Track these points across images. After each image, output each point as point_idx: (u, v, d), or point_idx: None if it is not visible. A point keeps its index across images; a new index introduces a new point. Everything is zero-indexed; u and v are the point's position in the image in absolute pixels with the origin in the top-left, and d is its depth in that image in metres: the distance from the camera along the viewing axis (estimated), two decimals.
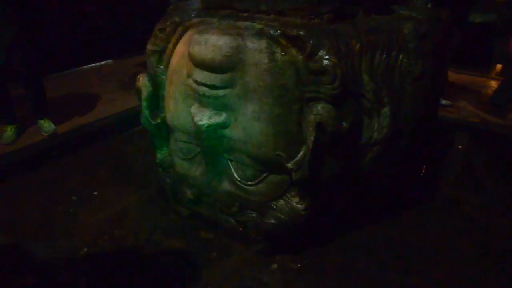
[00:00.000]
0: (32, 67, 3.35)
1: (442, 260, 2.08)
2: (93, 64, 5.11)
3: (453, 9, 2.35)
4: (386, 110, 1.88)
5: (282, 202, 1.97)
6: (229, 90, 1.81)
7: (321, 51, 1.70)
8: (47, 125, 3.41)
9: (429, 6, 2.31)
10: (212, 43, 1.77)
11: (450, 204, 2.53)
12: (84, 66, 5.05)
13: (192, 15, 2.11)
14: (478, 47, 5.28)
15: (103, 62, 5.20)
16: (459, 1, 3.68)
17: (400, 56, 1.91)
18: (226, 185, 2.04)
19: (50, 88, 4.35)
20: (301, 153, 1.80)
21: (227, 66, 1.78)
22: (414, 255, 2.10)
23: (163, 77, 2.18)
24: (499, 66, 5.34)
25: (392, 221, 2.32)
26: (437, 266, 2.04)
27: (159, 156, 2.37)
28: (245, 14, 2.00)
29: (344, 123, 1.78)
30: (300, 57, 1.75)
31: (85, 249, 2.14)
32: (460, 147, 3.46)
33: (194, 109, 1.93)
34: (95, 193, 2.63)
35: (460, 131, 3.62)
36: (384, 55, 1.87)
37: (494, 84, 4.83)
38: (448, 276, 1.98)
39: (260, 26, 1.81)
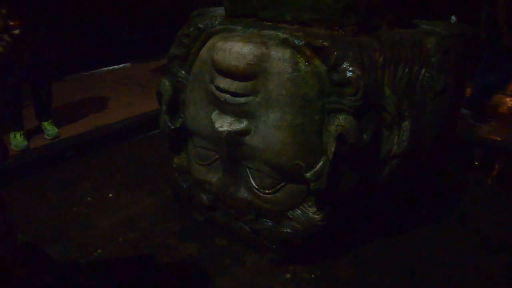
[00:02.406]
0: (47, 70, 3.37)
1: (455, 277, 2.05)
2: (111, 67, 5.16)
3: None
4: (406, 123, 1.87)
5: (298, 211, 1.96)
6: (251, 98, 1.82)
7: (345, 62, 1.70)
8: (50, 128, 3.41)
9: (452, 21, 2.31)
10: (236, 50, 1.79)
11: (465, 220, 2.50)
12: (102, 69, 5.10)
13: (216, 22, 2.12)
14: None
15: (120, 65, 5.26)
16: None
17: (423, 71, 1.91)
18: (243, 193, 2.04)
19: (68, 90, 4.43)
20: (320, 164, 1.79)
21: (250, 74, 1.79)
22: (427, 271, 2.08)
23: (184, 82, 2.20)
24: None
25: (406, 236, 2.30)
26: (449, 284, 2.02)
27: (176, 160, 2.39)
28: (269, 23, 2.01)
29: (364, 135, 1.77)
30: (324, 67, 1.75)
31: (99, 251, 2.15)
32: (476, 163, 3.43)
33: (214, 115, 1.94)
34: (110, 195, 2.65)
35: (477, 147, 3.59)
36: (407, 69, 1.87)
37: (510, 101, 4.80)
38: None
39: (284, 35, 1.82)
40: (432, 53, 1.93)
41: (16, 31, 1.27)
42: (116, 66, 5.20)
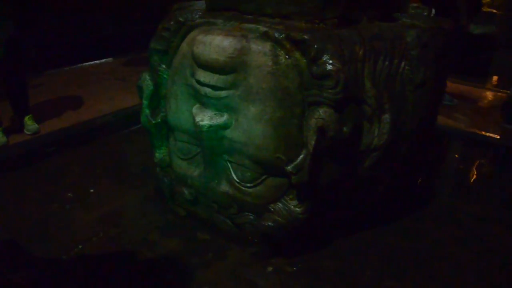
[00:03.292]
0: (20, 65, 3.29)
1: (436, 268, 2.08)
2: (93, 62, 5.10)
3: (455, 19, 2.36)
4: (386, 116, 1.89)
5: (280, 205, 1.97)
6: (231, 91, 1.82)
7: (325, 55, 1.71)
8: (30, 124, 3.34)
9: (432, 15, 2.32)
10: (216, 44, 1.78)
11: (446, 212, 2.54)
12: (84, 64, 5.03)
13: (197, 16, 2.11)
14: (476, 58, 5.33)
15: (102, 60, 5.19)
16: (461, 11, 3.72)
17: (402, 64, 1.93)
18: (224, 186, 2.03)
19: (49, 85, 4.36)
20: (301, 157, 1.80)
21: (230, 68, 1.78)
22: (409, 262, 2.10)
23: (165, 76, 2.19)
24: (495, 78, 5.39)
25: (388, 227, 2.32)
26: (431, 274, 2.04)
27: (157, 155, 2.37)
28: (249, 17, 2.00)
29: (345, 128, 1.79)
30: (304, 61, 1.76)
31: (80, 247, 2.13)
32: (456, 156, 3.48)
33: (195, 109, 1.93)
34: (92, 190, 2.62)
35: (457, 140, 3.64)
36: (387, 62, 1.88)
37: (490, 94, 4.86)
38: (441, 285, 1.99)
39: (265, 28, 1.82)
40: (411, 46, 1.94)
41: None
42: (97, 61, 5.14)
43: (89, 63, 5.07)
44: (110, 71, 4.87)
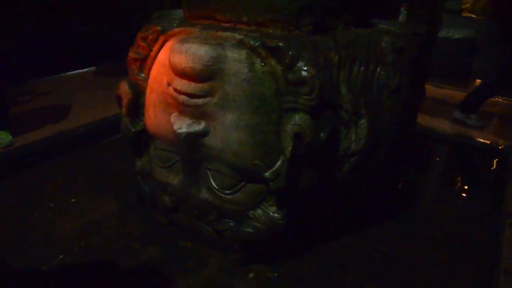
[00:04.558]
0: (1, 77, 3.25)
1: (418, 271, 2.11)
2: (76, 71, 5.07)
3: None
4: (363, 121, 1.91)
5: (259, 211, 1.98)
6: (208, 99, 1.83)
7: (299, 62, 1.73)
8: (3, 137, 3.23)
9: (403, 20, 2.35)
10: (192, 52, 1.79)
11: (427, 215, 2.57)
12: (67, 73, 5.00)
13: (175, 24, 2.12)
14: (457, 62, 5.41)
15: (85, 69, 5.17)
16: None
17: (378, 69, 1.95)
18: (204, 194, 2.04)
19: (31, 95, 4.33)
20: (278, 163, 1.81)
21: (207, 75, 1.79)
22: (390, 266, 2.13)
23: (144, 85, 2.19)
24: (478, 81, 5.46)
25: (369, 232, 2.34)
26: (412, 277, 2.06)
27: (138, 163, 2.37)
28: (226, 25, 2.02)
29: (321, 134, 1.80)
30: (279, 67, 1.77)
31: (61, 256, 2.12)
32: (438, 159, 3.52)
33: (173, 117, 1.94)
34: (73, 200, 2.60)
35: (438, 144, 3.69)
36: (362, 68, 1.90)
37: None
38: (423, 286, 2.01)
39: (240, 36, 1.83)
40: (386, 52, 1.97)
41: None
42: (80, 70, 5.12)
43: (71, 72, 5.05)
44: (92, 80, 4.86)
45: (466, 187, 3.01)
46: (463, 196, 2.90)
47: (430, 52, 2.50)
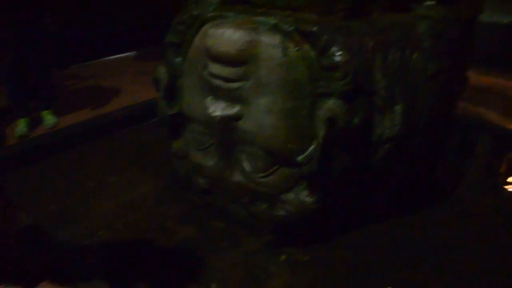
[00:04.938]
0: (42, 59, 3.40)
1: (451, 261, 2.07)
2: (117, 56, 5.22)
3: None
4: (398, 108, 1.89)
5: (292, 195, 2.00)
6: (242, 83, 1.86)
7: (333, 47, 1.72)
8: (48, 118, 3.41)
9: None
10: (227, 37, 1.82)
11: (464, 205, 2.50)
12: (107, 58, 5.16)
13: (210, 9, 2.15)
14: (504, 49, 5.16)
15: (125, 54, 5.31)
16: None
17: (414, 55, 1.91)
18: (237, 176, 2.08)
19: (73, 79, 4.50)
20: (311, 148, 1.83)
21: (241, 60, 1.82)
22: (423, 254, 2.10)
23: (180, 68, 2.24)
24: None
25: (402, 219, 2.32)
26: (446, 267, 2.03)
27: (174, 146, 2.43)
28: (261, 10, 2.03)
29: (355, 119, 1.80)
30: (313, 52, 1.78)
31: (100, 232, 2.23)
32: (479, 149, 3.41)
33: (208, 101, 1.98)
34: (113, 179, 2.72)
35: (480, 133, 3.57)
36: (398, 53, 1.87)
37: None
38: (456, 277, 1.98)
39: (274, 21, 1.84)
40: (424, 37, 1.93)
41: None
42: (121, 55, 5.27)
43: (111, 57, 5.20)
44: (131, 65, 4.99)
45: (508, 179, 2.91)
46: (503, 188, 2.81)
47: (471, 37, 2.42)
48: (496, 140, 3.50)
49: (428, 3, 2.11)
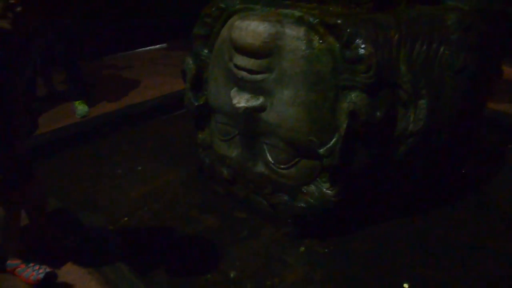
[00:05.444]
0: (71, 51, 3.54)
1: (473, 259, 2.03)
2: (147, 48, 5.32)
3: None
4: (423, 102, 1.87)
5: (313, 187, 2.01)
6: (266, 75, 1.88)
7: (357, 40, 1.72)
8: (80, 108, 3.52)
9: None
10: (252, 29, 1.84)
11: (490, 203, 2.46)
12: (139, 49, 5.26)
13: (237, 2, 2.17)
14: None
15: (157, 46, 5.40)
16: None
17: (442, 48, 1.89)
18: (260, 167, 2.10)
19: (105, 70, 4.62)
20: (333, 140, 1.83)
21: (265, 52, 1.84)
22: (444, 251, 2.07)
23: (207, 60, 2.28)
24: None
25: (425, 215, 2.29)
26: (466, 264, 2.00)
27: (200, 136, 2.48)
28: (287, 2, 2.04)
29: (378, 113, 1.79)
30: (337, 45, 1.78)
31: (126, 219, 2.30)
32: (510, 146, 3.32)
33: (233, 92, 2.01)
34: (139, 168, 2.79)
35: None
36: (424, 47, 1.85)
37: None
38: (476, 275, 1.94)
39: (299, 13, 1.85)
40: (452, 30, 1.90)
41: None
42: (152, 47, 5.36)
43: (143, 48, 5.30)
44: (163, 57, 5.06)
45: None
46: None
47: (504, 29, 2.34)
48: None
49: None
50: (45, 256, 1.91)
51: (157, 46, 5.45)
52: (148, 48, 5.36)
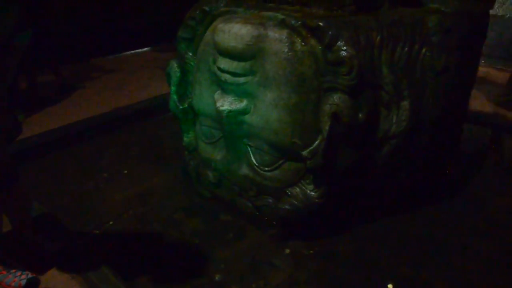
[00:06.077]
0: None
1: (457, 258, 2.05)
2: (134, 51, 5.32)
3: None
4: (405, 103, 1.89)
5: (297, 189, 2.01)
6: (250, 77, 1.88)
7: (339, 42, 1.73)
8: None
9: None
10: (234, 32, 1.84)
11: (473, 204, 2.48)
12: (125, 53, 5.26)
13: (221, 5, 2.17)
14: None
15: (144, 49, 5.41)
16: None
17: (423, 50, 1.91)
18: (244, 170, 2.10)
19: (92, 73, 4.60)
20: (316, 142, 1.84)
21: (248, 55, 1.84)
22: (428, 251, 2.09)
23: (192, 63, 2.27)
24: None
25: (409, 215, 2.31)
26: (450, 264, 2.02)
27: (185, 139, 2.47)
28: (271, 5, 2.05)
29: (360, 114, 1.80)
30: (319, 47, 1.79)
31: (111, 222, 2.28)
32: (494, 147, 3.36)
33: (217, 95, 2.01)
34: (125, 171, 2.78)
35: (498, 131, 3.51)
36: (406, 48, 1.87)
37: None
38: (460, 275, 1.97)
39: (282, 16, 1.86)
40: (433, 32, 1.92)
41: None
42: (139, 50, 5.36)
43: (130, 52, 5.30)
44: (150, 60, 5.07)
45: None
46: None
47: (484, 31, 2.37)
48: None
49: None
50: (27, 262, 1.90)
51: (145, 49, 5.45)
52: (135, 51, 5.35)
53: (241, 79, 1.89)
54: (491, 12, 2.35)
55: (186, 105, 2.33)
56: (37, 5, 3.32)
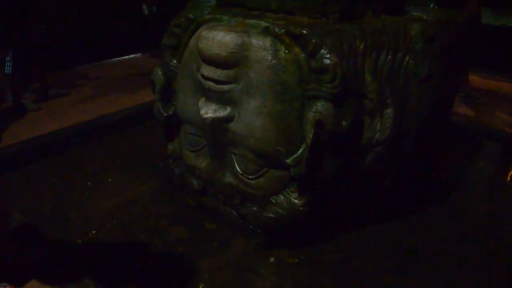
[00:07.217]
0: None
1: (440, 265, 2.06)
2: (122, 57, 5.29)
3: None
4: (389, 111, 1.89)
5: (281, 197, 2.01)
6: (233, 85, 1.87)
7: (322, 50, 1.73)
8: None
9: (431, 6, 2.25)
10: (218, 39, 1.83)
11: (458, 210, 2.50)
12: (113, 59, 5.23)
13: (206, 12, 2.17)
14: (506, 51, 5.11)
15: (131, 56, 5.38)
16: None
17: (406, 58, 1.92)
18: (229, 178, 2.09)
19: (78, 79, 4.57)
20: (300, 150, 1.83)
21: (232, 62, 1.83)
22: (413, 258, 2.10)
23: (176, 71, 2.26)
24: None
25: (393, 223, 2.32)
26: (436, 271, 2.03)
27: (170, 147, 2.46)
28: (255, 13, 2.05)
29: (344, 122, 1.80)
30: (303, 55, 1.78)
31: (94, 232, 2.25)
32: (478, 153, 3.39)
33: (201, 102, 2.00)
34: (110, 179, 2.75)
35: (481, 138, 3.55)
36: (389, 56, 1.88)
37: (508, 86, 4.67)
38: (446, 282, 1.97)
39: (266, 24, 1.86)
40: (416, 40, 1.93)
41: None
42: (126, 57, 5.34)
43: (116, 58, 5.27)
44: (137, 67, 5.05)
45: (502, 184, 2.88)
46: (498, 192, 2.78)
47: (469, 40, 2.40)
48: (494, 145, 3.48)
49: (424, 5, 2.11)
50: (6, 273, 1.85)
51: (131, 55, 5.43)
52: (121, 57, 5.33)
53: (225, 87, 1.88)
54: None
55: (171, 113, 2.31)
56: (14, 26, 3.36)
